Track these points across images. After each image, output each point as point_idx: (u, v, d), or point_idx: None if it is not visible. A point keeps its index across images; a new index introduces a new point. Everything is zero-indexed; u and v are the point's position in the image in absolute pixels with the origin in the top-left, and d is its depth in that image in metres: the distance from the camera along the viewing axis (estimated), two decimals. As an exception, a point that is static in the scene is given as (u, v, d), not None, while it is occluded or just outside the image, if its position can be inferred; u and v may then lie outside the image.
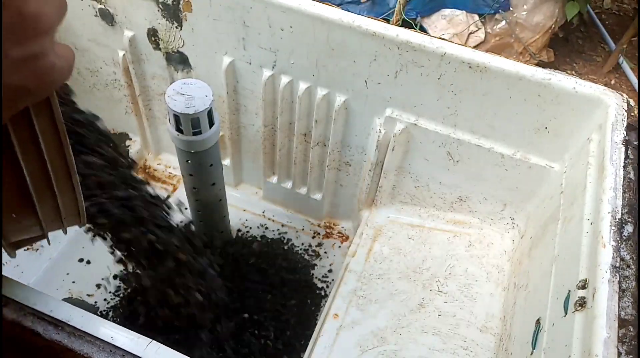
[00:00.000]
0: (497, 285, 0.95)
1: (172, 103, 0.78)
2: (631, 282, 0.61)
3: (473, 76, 0.83)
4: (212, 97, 0.80)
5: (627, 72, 2.12)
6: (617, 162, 0.72)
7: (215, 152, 0.87)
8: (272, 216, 1.23)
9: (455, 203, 1.02)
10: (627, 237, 0.65)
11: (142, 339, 0.56)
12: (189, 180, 0.91)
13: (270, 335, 0.98)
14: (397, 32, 0.83)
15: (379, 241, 1.03)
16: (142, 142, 1.27)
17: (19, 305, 0.57)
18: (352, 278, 0.97)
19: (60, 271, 1.10)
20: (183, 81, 0.81)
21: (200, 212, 0.98)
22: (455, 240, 1.02)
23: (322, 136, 1.04)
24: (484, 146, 0.91)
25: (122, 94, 1.17)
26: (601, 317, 0.58)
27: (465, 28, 1.85)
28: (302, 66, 0.93)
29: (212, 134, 0.83)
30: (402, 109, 0.93)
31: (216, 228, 1.03)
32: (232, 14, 0.91)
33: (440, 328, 0.90)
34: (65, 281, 1.08)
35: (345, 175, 1.11)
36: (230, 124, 1.10)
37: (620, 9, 2.43)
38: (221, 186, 0.95)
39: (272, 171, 1.18)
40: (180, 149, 0.84)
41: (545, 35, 1.95)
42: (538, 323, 0.73)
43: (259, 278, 1.04)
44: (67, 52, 0.36)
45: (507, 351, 0.83)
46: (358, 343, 0.89)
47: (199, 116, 0.79)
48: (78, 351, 0.55)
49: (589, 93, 0.79)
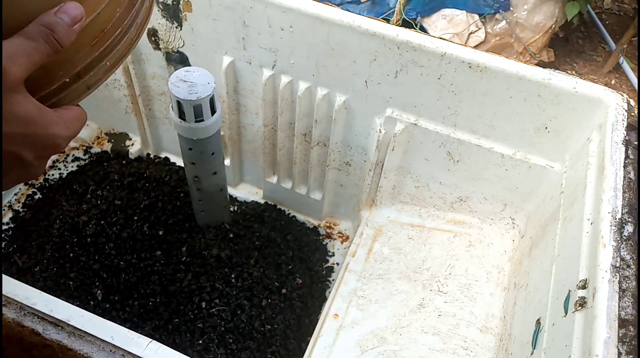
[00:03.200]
0: (497, 285, 0.95)
1: (175, 90, 0.79)
2: (631, 282, 0.61)
3: (473, 76, 0.83)
4: (214, 84, 0.80)
5: (627, 72, 2.12)
6: (617, 162, 0.72)
7: (216, 140, 0.87)
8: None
9: (456, 203, 1.02)
10: (627, 237, 0.65)
11: (142, 339, 0.56)
12: (190, 169, 0.92)
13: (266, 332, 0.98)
14: (397, 32, 0.83)
15: (379, 241, 1.03)
16: (142, 142, 1.27)
17: (19, 305, 0.57)
18: (352, 278, 0.97)
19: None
20: (186, 68, 0.81)
21: (202, 201, 0.98)
22: (456, 240, 1.02)
23: (322, 136, 1.04)
24: (484, 146, 0.91)
25: (122, 94, 1.17)
26: (601, 316, 0.58)
27: (466, 28, 1.85)
28: (302, 66, 0.93)
29: (214, 122, 0.83)
30: (402, 109, 0.93)
31: (218, 217, 1.03)
32: (232, 14, 0.91)
33: (440, 328, 0.90)
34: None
35: (345, 175, 1.11)
36: (230, 124, 1.10)
37: (621, 9, 2.43)
38: (222, 176, 0.95)
39: (272, 171, 1.18)
40: (183, 136, 0.85)
41: (546, 35, 1.95)
42: (538, 323, 0.73)
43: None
44: (74, 124, 0.42)
45: (507, 351, 0.83)
46: (358, 343, 0.89)
47: (201, 103, 0.80)
48: (78, 351, 0.55)
49: (589, 93, 0.79)
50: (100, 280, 0.96)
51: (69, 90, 0.42)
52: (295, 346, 0.98)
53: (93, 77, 0.44)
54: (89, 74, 0.43)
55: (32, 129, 0.37)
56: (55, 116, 0.40)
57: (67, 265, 0.98)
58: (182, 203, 1.06)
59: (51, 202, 1.13)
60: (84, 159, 1.27)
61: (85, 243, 0.99)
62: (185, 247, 0.99)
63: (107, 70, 0.45)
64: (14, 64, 0.35)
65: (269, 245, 1.07)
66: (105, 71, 0.45)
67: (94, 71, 0.43)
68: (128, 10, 0.46)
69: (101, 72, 0.44)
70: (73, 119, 0.42)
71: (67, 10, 0.38)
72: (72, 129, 0.42)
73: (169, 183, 1.11)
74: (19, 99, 0.36)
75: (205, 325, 0.92)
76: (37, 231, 1.07)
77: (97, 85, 0.45)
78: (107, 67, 0.45)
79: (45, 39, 0.37)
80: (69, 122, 0.41)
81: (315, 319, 1.01)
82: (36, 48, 0.37)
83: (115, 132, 1.30)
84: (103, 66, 0.44)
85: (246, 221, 1.13)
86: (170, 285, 0.95)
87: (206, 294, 0.93)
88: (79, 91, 0.43)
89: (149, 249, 0.98)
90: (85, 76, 0.43)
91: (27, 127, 0.37)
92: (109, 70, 0.45)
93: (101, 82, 0.45)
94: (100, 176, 1.14)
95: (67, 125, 0.41)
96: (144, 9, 0.49)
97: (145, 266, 0.97)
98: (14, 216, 1.15)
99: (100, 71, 0.44)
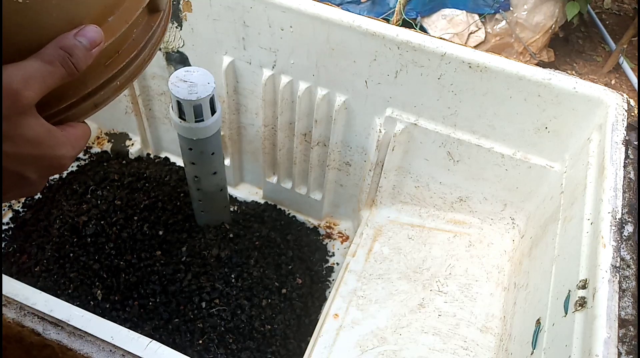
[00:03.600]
0: (497, 285, 0.95)
1: (175, 90, 0.79)
2: (631, 282, 0.61)
3: (473, 75, 0.83)
4: (214, 84, 0.80)
5: (627, 72, 2.12)
6: (617, 162, 0.72)
7: (216, 140, 0.87)
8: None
9: (456, 203, 1.02)
10: (627, 237, 0.65)
11: (142, 339, 0.56)
12: (190, 169, 0.92)
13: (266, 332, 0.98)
14: (397, 32, 0.83)
15: (379, 241, 1.03)
16: (142, 142, 1.27)
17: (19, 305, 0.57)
18: (352, 278, 0.97)
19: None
20: (186, 68, 0.81)
21: (202, 201, 0.98)
22: (456, 240, 1.02)
23: (322, 136, 1.04)
24: (484, 146, 0.91)
25: (122, 94, 1.17)
26: (601, 317, 0.58)
27: (466, 28, 1.85)
28: (302, 66, 0.93)
29: (214, 122, 0.83)
30: (402, 109, 0.93)
31: (218, 217, 1.03)
32: (232, 14, 0.91)
33: (440, 328, 0.90)
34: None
35: (345, 175, 1.11)
36: (230, 124, 1.10)
37: (621, 9, 2.43)
38: (222, 176, 0.95)
39: (272, 171, 1.18)
40: (183, 136, 0.85)
41: (546, 35, 1.95)
42: (538, 323, 0.73)
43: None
44: (79, 142, 0.42)
45: (507, 351, 0.83)
46: (358, 343, 0.89)
47: (201, 103, 0.80)
48: (78, 351, 0.55)
49: (589, 93, 0.79)
50: (100, 280, 0.96)
51: (77, 108, 0.42)
52: (295, 346, 0.98)
53: (102, 97, 0.43)
54: (98, 93, 0.42)
55: (39, 151, 0.37)
56: (62, 136, 0.40)
57: (67, 265, 0.98)
58: (182, 203, 1.06)
59: (51, 202, 1.13)
60: (84, 159, 1.27)
61: (85, 243, 0.99)
62: (185, 247, 0.99)
63: (116, 89, 0.44)
64: (29, 88, 0.35)
65: (269, 245, 1.07)
66: (114, 90, 0.44)
67: (104, 90, 0.43)
68: (145, 32, 0.45)
69: (111, 92, 0.44)
70: (79, 137, 0.42)
71: (86, 33, 0.38)
72: (77, 148, 0.41)
73: (169, 183, 1.11)
74: (29, 122, 0.36)
75: (205, 325, 0.92)
76: (37, 231, 1.07)
77: (105, 104, 0.44)
78: (117, 87, 0.44)
79: (62, 63, 0.37)
80: (75, 142, 0.41)
81: (315, 319, 1.01)
82: (52, 72, 0.36)
83: (115, 132, 1.30)
84: (114, 86, 0.43)
85: (246, 221, 1.13)
86: (170, 285, 0.95)
87: (206, 294, 0.93)
88: (87, 109, 0.42)
89: (149, 249, 0.98)
90: (95, 95, 0.42)
91: (35, 149, 0.37)
92: (118, 89, 0.44)
93: (109, 101, 0.44)
94: (100, 176, 1.14)
95: (73, 144, 0.41)
96: (160, 29, 0.48)
97: (145, 266, 0.97)
98: (14, 216, 1.15)
99: (110, 90, 0.43)
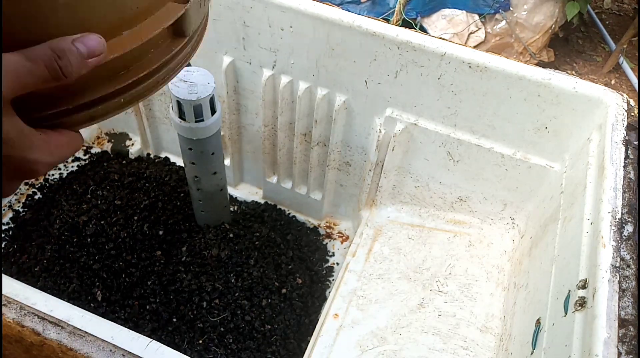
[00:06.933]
0: (497, 284, 0.95)
1: (175, 89, 0.79)
2: (631, 282, 0.61)
3: (473, 75, 0.83)
4: (214, 84, 0.80)
5: (627, 72, 2.12)
6: (617, 162, 0.72)
7: (216, 140, 0.88)
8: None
9: (455, 203, 1.02)
10: (627, 237, 0.65)
11: (142, 338, 0.56)
12: (190, 169, 0.92)
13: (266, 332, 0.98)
14: (397, 32, 0.83)
15: (379, 241, 1.03)
16: (142, 142, 1.27)
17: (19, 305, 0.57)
18: (352, 278, 0.97)
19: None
20: (186, 68, 0.81)
21: (202, 202, 0.98)
22: (455, 240, 1.02)
23: (322, 136, 1.04)
24: (484, 146, 0.91)
25: (122, 94, 1.17)
26: (601, 316, 0.58)
27: (465, 28, 1.85)
28: (302, 66, 0.93)
29: (214, 122, 0.83)
30: (402, 109, 0.93)
31: (218, 217, 1.03)
32: (232, 14, 0.91)
33: (440, 328, 0.90)
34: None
35: (345, 175, 1.11)
36: (230, 124, 1.10)
37: (620, 9, 2.43)
38: (222, 176, 0.95)
39: (272, 171, 1.18)
40: (183, 136, 0.85)
41: (545, 35, 1.95)
42: (538, 323, 0.73)
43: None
44: (61, 150, 0.38)
45: (507, 351, 0.83)
46: (358, 343, 0.89)
47: (201, 103, 0.80)
48: (78, 351, 0.55)
49: (589, 93, 0.79)
50: (100, 280, 0.96)
51: (71, 117, 0.39)
52: (295, 346, 0.98)
53: (101, 110, 0.40)
54: (97, 106, 0.39)
55: (5, 151, 0.34)
56: (39, 140, 0.36)
57: (67, 265, 0.98)
58: (182, 203, 1.06)
59: (51, 202, 1.13)
60: (84, 159, 1.27)
61: (85, 243, 0.99)
62: (185, 247, 0.99)
63: (119, 106, 0.40)
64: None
65: (268, 245, 1.07)
66: (117, 106, 0.41)
67: (104, 104, 0.40)
68: (163, 54, 0.41)
69: (112, 107, 0.40)
70: (61, 145, 0.38)
71: (86, 41, 0.35)
72: (56, 156, 0.38)
73: (169, 183, 1.11)
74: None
75: (205, 325, 0.92)
76: (37, 231, 1.07)
77: (104, 118, 0.40)
78: (121, 104, 0.40)
79: (47, 64, 0.34)
80: (55, 148, 0.38)
81: (315, 319, 1.01)
82: (31, 71, 0.33)
83: (115, 132, 1.30)
84: (116, 102, 0.40)
85: (246, 221, 1.13)
86: (170, 285, 0.95)
87: (206, 294, 0.93)
88: (81, 119, 0.39)
89: (149, 249, 0.98)
90: (93, 107, 0.39)
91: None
92: (121, 106, 0.41)
93: (110, 116, 0.41)
94: (100, 176, 1.14)
95: (52, 150, 0.37)
96: (182, 55, 0.44)
97: (145, 266, 0.97)
98: (14, 216, 1.15)
99: (112, 105, 0.40)
